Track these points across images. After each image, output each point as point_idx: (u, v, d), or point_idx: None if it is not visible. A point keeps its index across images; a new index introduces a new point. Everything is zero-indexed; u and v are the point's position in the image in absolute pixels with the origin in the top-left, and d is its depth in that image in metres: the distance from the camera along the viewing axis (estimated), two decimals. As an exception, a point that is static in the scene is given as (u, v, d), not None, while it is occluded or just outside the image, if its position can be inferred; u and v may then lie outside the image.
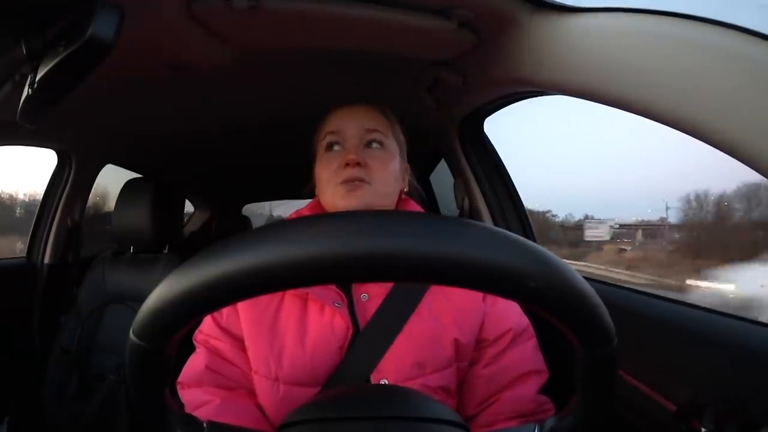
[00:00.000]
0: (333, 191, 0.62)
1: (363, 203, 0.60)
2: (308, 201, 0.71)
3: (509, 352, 0.61)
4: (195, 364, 0.61)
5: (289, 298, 0.60)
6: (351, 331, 0.57)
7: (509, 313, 0.63)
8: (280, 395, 0.56)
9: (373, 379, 0.56)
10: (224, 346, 0.61)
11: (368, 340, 0.57)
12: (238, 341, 0.61)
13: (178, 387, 0.61)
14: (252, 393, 0.60)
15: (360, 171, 0.60)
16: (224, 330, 0.61)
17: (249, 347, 0.60)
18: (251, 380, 0.60)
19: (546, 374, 0.62)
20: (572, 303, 0.26)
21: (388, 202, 0.64)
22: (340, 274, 0.26)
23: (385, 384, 0.55)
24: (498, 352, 0.61)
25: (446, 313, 0.60)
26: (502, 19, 0.65)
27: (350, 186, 0.60)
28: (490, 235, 0.25)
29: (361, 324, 0.58)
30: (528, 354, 0.61)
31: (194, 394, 0.59)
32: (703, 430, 0.52)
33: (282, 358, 0.57)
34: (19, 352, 1.23)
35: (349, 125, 0.64)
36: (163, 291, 0.27)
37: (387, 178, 0.63)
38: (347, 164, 0.60)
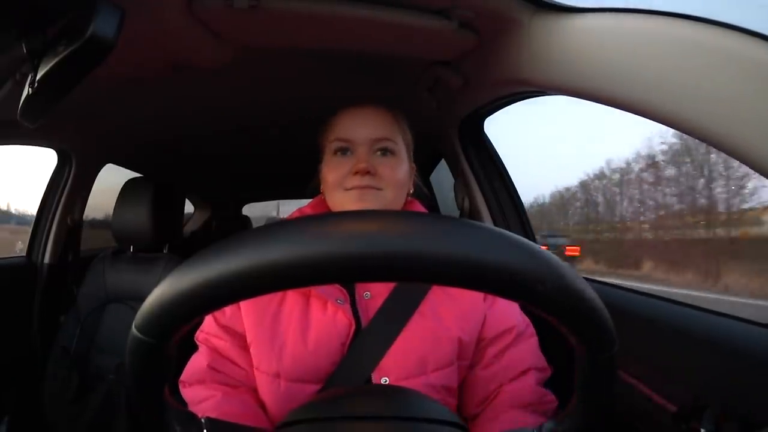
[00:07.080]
0: (342, 196, 0.61)
1: (374, 209, 0.60)
2: (308, 201, 0.71)
3: (509, 351, 0.61)
4: (197, 362, 0.62)
5: (292, 295, 0.60)
6: (353, 328, 0.57)
7: (509, 313, 0.63)
8: (281, 391, 0.56)
9: (375, 378, 0.56)
10: (225, 344, 0.61)
11: (370, 337, 0.57)
12: (240, 339, 0.61)
13: (181, 386, 0.62)
14: (254, 390, 0.60)
15: (370, 179, 0.60)
16: (225, 328, 0.62)
17: (251, 343, 0.60)
18: (253, 378, 0.60)
19: (548, 371, 0.62)
20: (579, 308, 0.27)
21: (397, 206, 0.64)
22: (347, 274, 0.26)
23: (384, 384, 0.55)
24: (498, 352, 0.61)
25: (449, 311, 0.60)
26: (503, 20, 0.65)
27: (361, 193, 0.60)
28: (499, 238, 0.25)
29: (364, 322, 0.58)
30: (529, 353, 0.62)
31: (196, 391, 0.59)
32: (702, 430, 0.52)
33: (283, 353, 0.57)
34: (19, 351, 1.23)
35: (359, 132, 0.63)
36: (168, 286, 0.27)
37: (397, 184, 0.62)
38: (357, 172, 0.60)
